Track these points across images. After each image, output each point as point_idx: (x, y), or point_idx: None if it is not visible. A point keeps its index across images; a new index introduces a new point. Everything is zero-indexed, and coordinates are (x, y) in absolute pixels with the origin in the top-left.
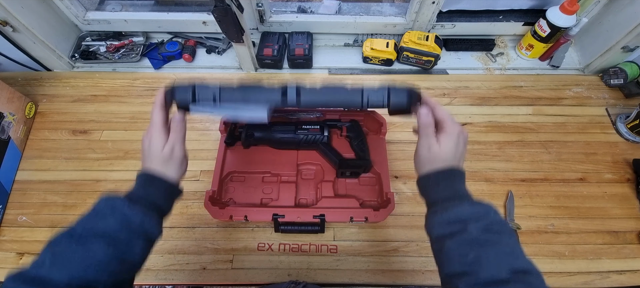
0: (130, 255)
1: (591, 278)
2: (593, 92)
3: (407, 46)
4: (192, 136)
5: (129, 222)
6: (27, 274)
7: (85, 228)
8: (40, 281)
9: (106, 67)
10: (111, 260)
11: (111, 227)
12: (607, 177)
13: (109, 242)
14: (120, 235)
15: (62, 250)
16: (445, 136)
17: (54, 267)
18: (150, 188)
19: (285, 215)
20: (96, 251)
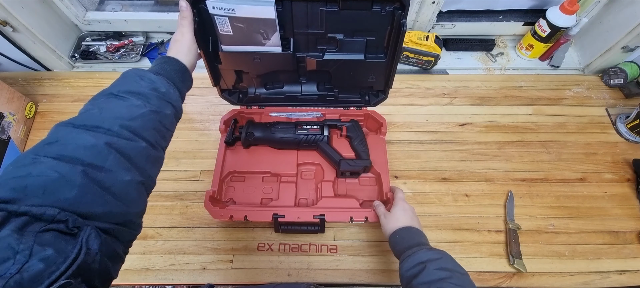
0: (164, 115)
1: (591, 278)
2: (593, 92)
3: (407, 46)
4: (192, 136)
5: (157, 87)
6: (78, 122)
7: (121, 90)
8: (93, 126)
9: (106, 67)
10: (151, 114)
11: (144, 89)
12: (607, 177)
13: (145, 100)
14: (152, 97)
15: (106, 104)
16: (393, 207)
17: (103, 116)
18: (166, 66)
19: (285, 215)
20: (137, 105)
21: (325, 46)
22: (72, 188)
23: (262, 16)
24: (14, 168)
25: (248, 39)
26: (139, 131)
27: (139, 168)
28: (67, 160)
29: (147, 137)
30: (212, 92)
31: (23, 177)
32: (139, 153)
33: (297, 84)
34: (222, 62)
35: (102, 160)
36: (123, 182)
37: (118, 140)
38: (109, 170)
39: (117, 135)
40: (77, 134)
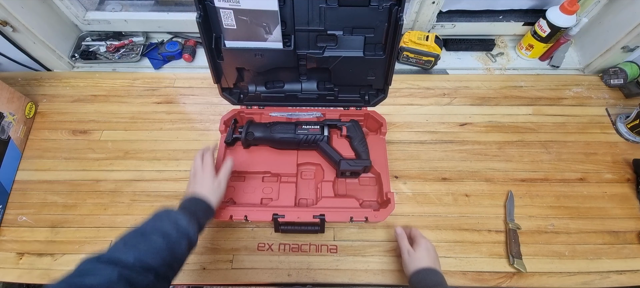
0: (178, 250)
1: (591, 278)
2: (593, 92)
3: (407, 46)
4: (191, 136)
5: (178, 224)
6: (104, 256)
7: (148, 227)
8: (114, 260)
9: (106, 67)
10: (165, 250)
11: (166, 227)
12: (607, 177)
13: (164, 236)
14: (172, 233)
15: (130, 240)
16: (418, 246)
17: (124, 250)
18: (195, 206)
19: (285, 215)
20: (155, 241)
21: (325, 43)
22: None
23: (265, 8)
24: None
25: (251, 34)
26: (152, 265)
27: None
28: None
29: (158, 270)
30: (212, 92)
31: None
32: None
33: (298, 82)
34: (225, 59)
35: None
36: None
37: (130, 273)
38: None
39: (130, 269)
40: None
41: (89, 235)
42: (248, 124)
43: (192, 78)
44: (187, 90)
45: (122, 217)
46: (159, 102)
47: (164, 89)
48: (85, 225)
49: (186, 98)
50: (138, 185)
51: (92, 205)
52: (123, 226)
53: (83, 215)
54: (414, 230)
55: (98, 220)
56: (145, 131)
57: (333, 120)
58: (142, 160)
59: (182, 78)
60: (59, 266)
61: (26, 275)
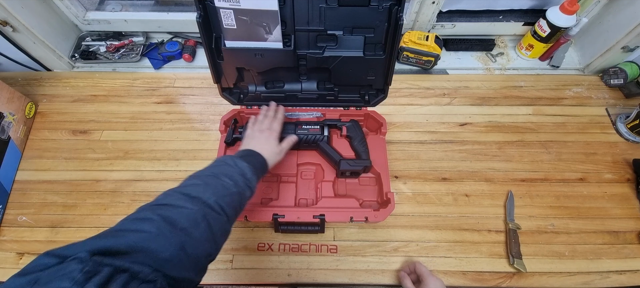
0: (243, 197)
1: (591, 278)
2: (593, 92)
3: (407, 46)
4: (192, 136)
5: (244, 173)
6: (187, 193)
7: (221, 171)
8: (197, 198)
9: (106, 67)
10: (235, 194)
11: (235, 174)
12: (607, 177)
13: (234, 182)
14: (240, 181)
15: (209, 181)
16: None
17: (206, 190)
18: (255, 160)
19: (285, 215)
20: (228, 185)
21: (325, 43)
22: (167, 249)
23: (265, 8)
24: (132, 221)
25: (251, 34)
26: (225, 207)
27: (216, 242)
28: (170, 222)
29: (229, 212)
30: (212, 92)
31: (136, 231)
32: (221, 227)
33: (298, 82)
34: (225, 59)
35: (195, 227)
36: (203, 254)
37: (211, 212)
38: (196, 238)
39: (210, 208)
40: (183, 201)
41: (89, 235)
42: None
43: (192, 78)
44: (187, 90)
45: (122, 217)
46: (159, 102)
47: (164, 89)
48: (85, 225)
49: (186, 98)
50: (138, 185)
51: (92, 205)
52: None
53: (83, 215)
54: (419, 266)
55: (98, 220)
56: (145, 131)
57: (333, 120)
58: (142, 160)
59: (182, 78)
60: None
61: None
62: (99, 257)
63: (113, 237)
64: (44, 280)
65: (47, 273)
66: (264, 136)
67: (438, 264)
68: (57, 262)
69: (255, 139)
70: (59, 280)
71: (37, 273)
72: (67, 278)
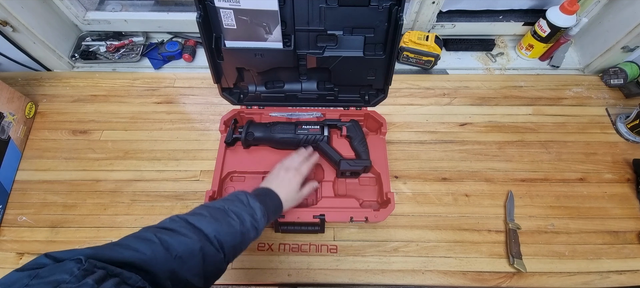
0: (247, 238)
1: (591, 278)
2: (593, 92)
3: (407, 46)
4: (192, 136)
5: (254, 215)
6: (192, 222)
7: (231, 208)
8: (199, 229)
9: (106, 67)
10: (238, 234)
11: (244, 213)
12: (607, 177)
13: (241, 222)
14: (247, 221)
15: (216, 215)
16: None
17: (209, 224)
18: (270, 201)
19: (285, 215)
20: (234, 224)
21: (325, 43)
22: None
23: (265, 8)
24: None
25: (251, 34)
26: (224, 245)
27: (206, 277)
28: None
29: (227, 251)
30: (212, 92)
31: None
32: (214, 264)
33: (298, 82)
34: (225, 59)
35: (190, 257)
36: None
37: (209, 246)
38: (187, 269)
39: (209, 242)
40: (186, 229)
41: (89, 235)
42: (248, 124)
43: (192, 78)
44: (187, 90)
45: (122, 217)
46: (159, 102)
47: (164, 89)
48: (85, 225)
49: (186, 98)
50: (138, 185)
51: (92, 205)
52: (123, 226)
53: (83, 215)
54: None
55: (98, 220)
56: (145, 131)
57: (333, 120)
58: (142, 160)
59: (182, 78)
60: None
61: None
62: (94, 260)
63: (109, 249)
64: (44, 274)
65: (46, 269)
66: (288, 177)
67: (438, 264)
68: (55, 261)
69: (279, 178)
70: (59, 274)
71: (36, 269)
72: (66, 273)
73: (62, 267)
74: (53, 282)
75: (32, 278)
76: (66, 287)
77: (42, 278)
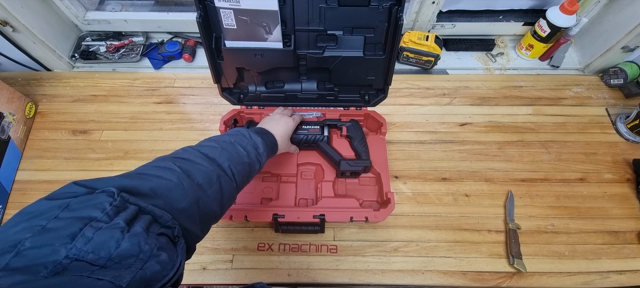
0: (253, 169)
1: (591, 278)
2: (593, 92)
3: (407, 46)
4: (192, 136)
5: (257, 147)
6: (203, 151)
7: (237, 140)
8: (213, 160)
9: (106, 67)
10: (247, 165)
11: (249, 146)
12: (607, 177)
13: (247, 153)
14: (252, 153)
15: (225, 147)
16: None
17: (221, 154)
18: (267, 137)
19: (286, 215)
20: (242, 155)
21: (325, 43)
22: (184, 200)
23: (265, 8)
24: (154, 168)
25: (251, 34)
26: (236, 174)
27: (223, 205)
28: (188, 175)
29: (239, 180)
30: (212, 92)
31: (159, 177)
32: (229, 192)
33: (297, 82)
34: (225, 59)
35: (209, 185)
36: (211, 213)
37: (224, 175)
38: (208, 196)
39: (224, 171)
40: (201, 159)
41: None
42: (248, 124)
43: (192, 78)
44: (187, 90)
45: None
46: (159, 102)
47: (164, 89)
48: None
49: (186, 98)
50: None
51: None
52: None
53: None
54: None
55: None
56: (145, 131)
57: (333, 120)
58: (142, 160)
59: (182, 78)
60: None
61: None
62: (126, 194)
63: (138, 179)
64: (75, 207)
65: (77, 200)
66: (284, 121)
67: (438, 264)
68: (86, 191)
69: (274, 121)
70: (90, 209)
71: (67, 199)
72: (97, 209)
73: (94, 199)
74: (85, 218)
75: (62, 209)
76: (97, 224)
77: (73, 211)
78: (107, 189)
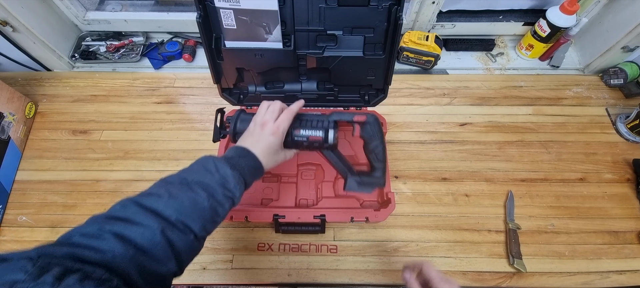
0: (220, 210)
1: (591, 278)
2: (593, 92)
3: (407, 46)
4: (192, 136)
5: (226, 184)
6: (145, 203)
7: (195, 180)
8: (156, 212)
9: (106, 67)
10: (208, 210)
11: (213, 183)
12: (607, 177)
13: (209, 195)
14: (218, 192)
15: (176, 192)
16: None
17: (168, 203)
18: (245, 162)
19: (286, 216)
20: (201, 199)
21: (324, 43)
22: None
23: (265, 8)
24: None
25: (251, 34)
26: (192, 224)
27: (178, 260)
28: (123, 239)
29: (197, 230)
30: (212, 92)
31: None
32: (184, 246)
33: (297, 82)
34: (224, 59)
35: (152, 245)
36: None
37: (172, 228)
38: (153, 257)
39: (172, 225)
40: (141, 215)
41: None
42: (238, 114)
43: (192, 78)
44: (187, 90)
45: None
46: (159, 102)
47: (164, 89)
48: None
49: (186, 98)
50: (138, 185)
51: (92, 205)
52: None
53: (83, 215)
54: (427, 267)
55: None
56: (145, 131)
57: (343, 115)
58: (142, 160)
59: (182, 78)
60: None
61: None
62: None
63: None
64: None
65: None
66: (265, 135)
67: (438, 264)
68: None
69: (255, 136)
70: (11, 273)
71: None
72: (20, 271)
73: (14, 265)
74: (7, 282)
75: None
76: (22, 286)
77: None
78: (27, 255)
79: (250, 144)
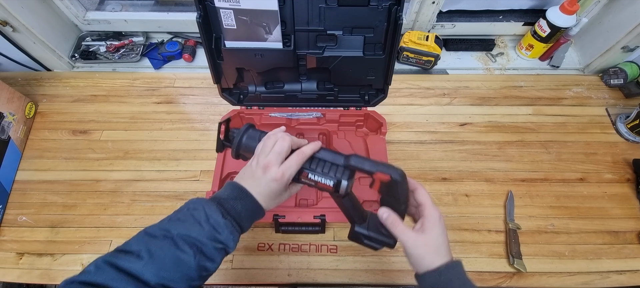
0: (209, 265)
1: (591, 278)
2: (593, 92)
3: (407, 46)
4: (192, 136)
5: (217, 236)
6: (122, 265)
7: (180, 233)
8: (134, 276)
9: (106, 67)
10: (194, 268)
11: (202, 237)
12: (607, 177)
13: (197, 251)
14: (208, 246)
15: (158, 249)
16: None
17: (149, 265)
18: (242, 206)
19: (286, 216)
20: (187, 257)
21: (324, 43)
22: None
23: (265, 8)
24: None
25: (251, 34)
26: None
27: None
28: None
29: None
30: (212, 92)
31: None
32: None
33: (297, 82)
34: (225, 59)
35: None
36: None
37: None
38: None
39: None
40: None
41: (89, 235)
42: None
43: (192, 78)
44: (187, 90)
45: (122, 217)
46: (159, 102)
47: (164, 89)
48: (85, 225)
49: (186, 98)
50: (138, 185)
51: (92, 205)
52: (123, 226)
53: (83, 215)
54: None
55: (98, 220)
56: (145, 131)
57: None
58: (142, 160)
59: (182, 78)
60: (58, 266)
61: (26, 275)
62: None
63: None
64: None
65: None
66: (266, 180)
67: None
68: None
69: (255, 178)
70: None
71: None
72: None
73: None
74: None
75: None
76: None
77: None
78: None
79: (249, 185)
